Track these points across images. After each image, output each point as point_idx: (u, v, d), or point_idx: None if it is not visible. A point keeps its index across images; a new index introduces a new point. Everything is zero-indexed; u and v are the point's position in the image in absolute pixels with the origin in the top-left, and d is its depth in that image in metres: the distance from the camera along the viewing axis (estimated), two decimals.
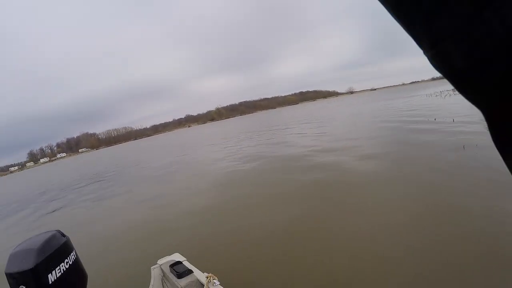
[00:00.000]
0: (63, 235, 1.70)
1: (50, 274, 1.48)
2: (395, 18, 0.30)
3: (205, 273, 2.21)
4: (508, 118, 0.21)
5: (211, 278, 2.07)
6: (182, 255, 2.67)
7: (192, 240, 4.77)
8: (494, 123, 0.24)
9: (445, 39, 0.23)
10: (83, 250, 2.39)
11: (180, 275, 2.24)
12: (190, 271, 2.28)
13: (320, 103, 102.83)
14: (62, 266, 1.57)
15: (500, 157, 0.22)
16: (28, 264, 1.42)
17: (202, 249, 4.27)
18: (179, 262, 2.44)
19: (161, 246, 4.70)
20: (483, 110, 0.25)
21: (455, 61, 0.23)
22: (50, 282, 1.46)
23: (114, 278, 4.09)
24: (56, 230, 1.70)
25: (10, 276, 1.44)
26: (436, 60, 0.26)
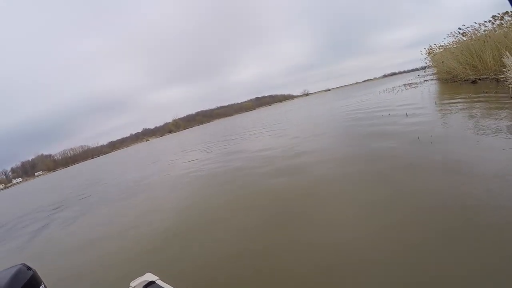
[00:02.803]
0: (29, 268, 1.57)
1: None
2: None
3: None
4: None
5: None
6: (154, 274, 2.38)
7: (162, 257, 4.50)
8: None
9: None
10: (51, 281, 2.18)
11: None
12: None
13: (276, 107, 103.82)
14: None
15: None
16: None
17: (174, 266, 4.07)
18: (152, 282, 2.23)
19: (132, 267, 4.40)
20: None
21: None
22: None
23: None
24: (21, 264, 1.56)
25: None
26: None
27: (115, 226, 7.12)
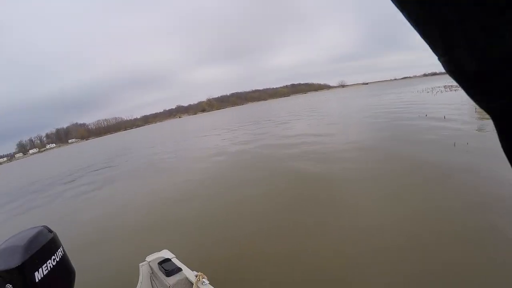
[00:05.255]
0: (50, 230, 1.63)
1: (37, 271, 1.41)
2: (412, 25, 0.31)
3: (194, 271, 2.10)
4: None
5: (201, 277, 2.00)
6: (171, 251, 2.56)
7: (181, 236, 4.68)
8: (502, 129, 0.26)
9: (458, 46, 0.25)
10: (71, 246, 2.29)
11: (168, 273, 2.15)
12: (179, 269, 2.18)
13: (311, 96, 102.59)
14: (49, 263, 1.50)
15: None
16: (14, 262, 1.35)
17: (191, 246, 4.18)
18: (168, 260, 2.34)
19: (150, 241, 4.60)
20: (492, 116, 0.26)
21: (467, 67, 0.25)
22: (37, 280, 1.37)
23: (102, 274, 4.01)
24: (43, 226, 1.63)
25: None
26: (449, 65, 0.27)
27: (138, 198, 7.37)
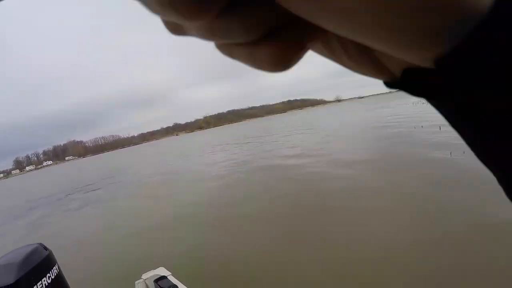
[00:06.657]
0: (46, 248, 1.63)
1: None
2: None
3: None
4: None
5: None
6: (167, 269, 2.51)
7: (178, 253, 4.64)
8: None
9: None
10: (66, 263, 2.29)
11: None
12: (175, 287, 2.16)
13: (307, 111, 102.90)
14: (44, 280, 1.49)
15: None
16: (9, 279, 1.35)
17: (188, 264, 4.15)
18: (164, 277, 2.31)
19: (147, 259, 4.54)
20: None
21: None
22: None
23: None
24: (38, 243, 1.63)
25: None
26: None
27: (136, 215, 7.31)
